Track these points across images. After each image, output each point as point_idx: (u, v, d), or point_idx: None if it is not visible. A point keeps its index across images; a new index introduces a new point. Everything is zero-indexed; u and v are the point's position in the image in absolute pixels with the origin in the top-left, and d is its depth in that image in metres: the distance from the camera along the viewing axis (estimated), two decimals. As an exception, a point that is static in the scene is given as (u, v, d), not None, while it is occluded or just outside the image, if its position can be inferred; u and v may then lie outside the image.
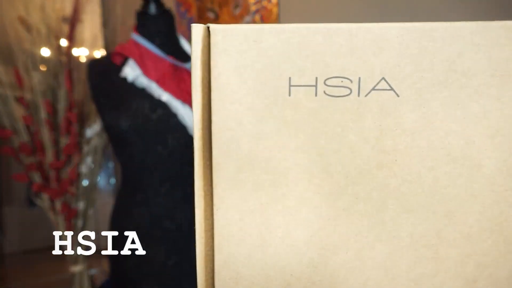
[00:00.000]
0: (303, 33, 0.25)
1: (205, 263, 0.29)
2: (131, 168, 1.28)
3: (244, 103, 0.26)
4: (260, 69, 0.26)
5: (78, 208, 1.45)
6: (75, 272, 1.50)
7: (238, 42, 0.26)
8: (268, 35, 0.26)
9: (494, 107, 0.25)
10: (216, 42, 0.26)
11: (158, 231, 1.27)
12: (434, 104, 0.25)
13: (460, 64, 0.25)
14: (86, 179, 1.46)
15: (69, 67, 1.41)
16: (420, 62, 0.25)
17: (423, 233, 0.26)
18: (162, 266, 1.28)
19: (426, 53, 0.25)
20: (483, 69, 0.24)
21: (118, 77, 1.26)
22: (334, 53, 0.25)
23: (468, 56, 0.25)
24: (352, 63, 0.25)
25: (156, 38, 1.30)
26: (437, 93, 0.25)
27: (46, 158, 1.38)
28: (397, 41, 0.25)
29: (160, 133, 1.23)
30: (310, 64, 0.25)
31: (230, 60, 0.26)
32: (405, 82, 0.25)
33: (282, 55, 0.25)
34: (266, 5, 2.25)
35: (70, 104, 1.40)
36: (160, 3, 1.32)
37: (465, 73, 0.25)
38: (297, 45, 0.25)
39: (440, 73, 0.25)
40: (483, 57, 0.24)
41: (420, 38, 0.25)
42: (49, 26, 1.43)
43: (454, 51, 0.25)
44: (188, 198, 1.29)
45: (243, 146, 0.27)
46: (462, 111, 0.25)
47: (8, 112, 1.37)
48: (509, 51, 0.24)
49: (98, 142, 1.48)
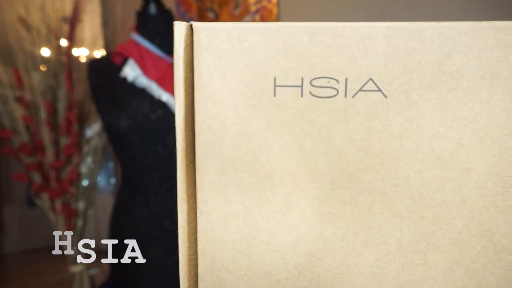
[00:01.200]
0: (288, 32, 0.24)
1: (188, 267, 0.28)
2: (131, 168, 1.28)
3: (227, 104, 0.25)
4: (244, 68, 0.25)
5: (78, 208, 1.44)
6: (75, 272, 1.49)
7: (221, 41, 0.25)
8: (252, 34, 0.25)
9: (483, 110, 0.24)
10: (199, 41, 0.25)
11: (158, 231, 1.27)
12: (422, 106, 0.24)
13: (448, 65, 0.24)
14: (86, 179, 1.46)
15: (69, 67, 1.41)
16: (408, 63, 0.24)
17: (411, 239, 0.26)
18: (162, 266, 1.28)
19: (414, 54, 0.24)
20: (473, 71, 0.24)
21: (118, 77, 1.26)
22: (320, 53, 0.24)
23: (457, 57, 0.24)
24: (338, 63, 0.24)
25: (156, 38, 1.30)
26: (425, 95, 0.24)
27: (46, 158, 1.38)
28: (385, 41, 0.24)
29: (160, 133, 1.23)
30: (296, 64, 0.25)
31: (213, 60, 0.25)
32: (393, 83, 0.25)
33: (266, 54, 0.25)
34: (266, 5, 2.25)
35: (70, 104, 1.40)
36: (160, 3, 1.32)
37: (454, 75, 0.24)
38: (282, 44, 0.25)
39: (429, 75, 0.24)
40: (473, 59, 0.24)
41: (408, 38, 0.24)
42: (49, 26, 1.43)
43: (443, 52, 0.24)
44: None
45: (226, 148, 0.26)
46: (450, 114, 0.24)
47: (8, 112, 1.37)
48: (499, 52, 0.24)
49: (98, 142, 1.48)
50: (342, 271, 0.26)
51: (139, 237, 1.27)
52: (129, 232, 1.29)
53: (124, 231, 1.30)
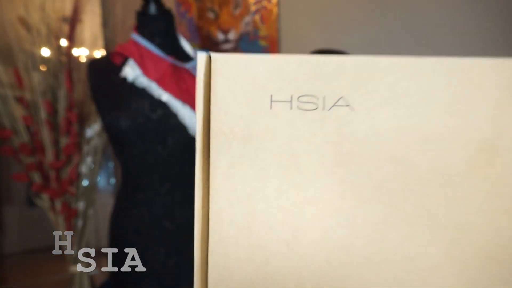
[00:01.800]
0: (282, 62, 0.34)
1: (201, 242, 0.37)
2: (131, 168, 1.28)
3: (235, 114, 0.35)
4: (249, 88, 0.35)
5: (78, 208, 1.44)
6: (75, 272, 1.49)
7: (232, 67, 0.34)
8: (256, 63, 0.34)
9: (425, 121, 0.33)
10: (215, 68, 0.34)
11: (158, 231, 1.27)
12: (380, 117, 0.34)
13: (399, 88, 0.33)
14: (86, 179, 1.46)
15: (69, 67, 1.41)
16: (369, 85, 0.34)
17: (373, 221, 0.34)
18: (162, 266, 1.28)
19: (373, 79, 0.33)
20: (417, 93, 0.33)
21: (118, 77, 1.26)
22: (305, 77, 0.34)
23: (405, 83, 0.33)
24: (318, 85, 0.34)
25: (156, 38, 1.30)
26: (382, 109, 0.33)
27: (46, 158, 1.38)
28: (352, 69, 0.34)
29: (160, 133, 1.23)
30: (287, 85, 0.34)
31: (226, 82, 0.34)
32: (358, 100, 0.34)
33: (265, 77, 0.34)
34: (266, 5, 2.25)
35: (70, 104, 1.40)
36: (160, 3, 1.32)
37: (403, 94, 0.33)
38: (278, 70, 0.34)
39: (384, 94, 0.33)
40: (417, 83, 0.33)
41: (368, 67, 0.34)
42: (49, 26, 1.43)
43: (394, 78, 0.33)
44: (188, 198, 1.29)
45: (233, 147, 0.35)
46: (400, 123, 0.34)
47: (8, 112, 1.37)
48: (438, 81, 0.34)
49: (98, 142, 1.48)
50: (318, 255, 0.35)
51: (139, 237, 1.28)
52: (129, 232, 1.29)
53: (124, 231, 1.30)
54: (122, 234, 1.31)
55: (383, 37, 2.04)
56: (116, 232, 1.33)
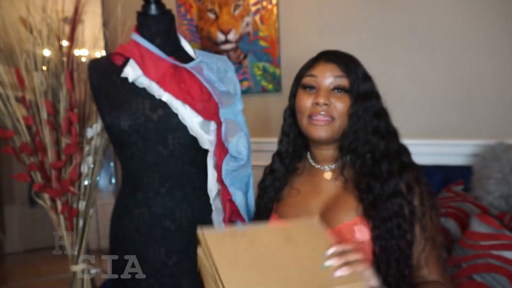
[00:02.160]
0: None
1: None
2: (131, 168, 1.28)
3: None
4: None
5: (79, 208, 1.44)
6: (76, 271, 1.49)
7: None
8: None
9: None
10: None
11: (158, 231, 1.27)
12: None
13: None
14: (87, 179, 1.46)
15: (70, 67, 1.40)
16: None
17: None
18: (163, 265, 1.28)
19: None
20: None
21: (119, 77, 1.25)
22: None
23: None
24: None
25: (157, 39, 1.29)
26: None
27: (47, 158, 1.37)
28: None
29: (161, 133, 1.23)
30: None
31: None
32: None
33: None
34: (266, 6, 2.26)
35: (71, 104, 1.39)
36: (161, 3, 1.32)
37: None
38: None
39: None
40: None
41: None
42: (51, 27, 1.42)
43: None
44: (188, 198, 1.29)
45: None
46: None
47: (10, 112, 1.36)
48: None
49: (98, 142, 1.48)
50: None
51: (139, 236, 1.27)
52: (129, 231, 1.29)
53: (124, 231, 1.30)
54: (123, 234, 1.30)
55: (382, 37, 2.04)
56: (117, 232, 1.33)
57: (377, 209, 0.97)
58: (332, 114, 1.04)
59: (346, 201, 1.03)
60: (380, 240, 0.96)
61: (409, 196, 0.99)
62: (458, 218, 1.58)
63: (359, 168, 1.04)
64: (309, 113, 1.05)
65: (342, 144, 1.07)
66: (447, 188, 1.75)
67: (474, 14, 1.87)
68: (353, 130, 1.05)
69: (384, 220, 0.96)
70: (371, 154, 1.04)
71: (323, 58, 1.08)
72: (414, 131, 1.36)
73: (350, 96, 1.04)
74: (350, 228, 0.99)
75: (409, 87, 2.00)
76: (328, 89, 1.05)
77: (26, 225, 3.11)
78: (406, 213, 0.97)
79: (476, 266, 1.36)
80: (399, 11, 2.00)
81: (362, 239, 0.97)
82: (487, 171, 1.68)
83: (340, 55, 1.09)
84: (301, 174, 1.16)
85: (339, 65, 1.05)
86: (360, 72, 1.06)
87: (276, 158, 1.19)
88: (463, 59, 1.90)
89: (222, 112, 1.26)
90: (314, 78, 1.06)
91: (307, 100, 1.06)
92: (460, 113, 1.93)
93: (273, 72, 2.31)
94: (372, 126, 1.05)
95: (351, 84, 1.04)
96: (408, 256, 0.98)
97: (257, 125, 2.36)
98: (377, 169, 1.02)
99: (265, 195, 1.17)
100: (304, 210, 1.08)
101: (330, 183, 1.09)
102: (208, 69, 1.27)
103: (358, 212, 1.00)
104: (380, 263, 0.96)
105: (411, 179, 1.01)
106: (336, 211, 1.03)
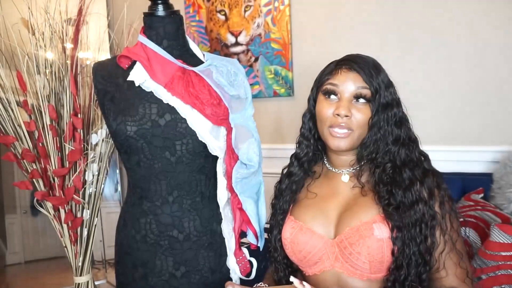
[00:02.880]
0: None
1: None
2: (138, 176, 1.25)
3: None
4: None
5: (84, 217, 1.42)
6: (80, 282, 1.47)
7: None
8: None
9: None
10: None
11: (165, 240, 1.25)
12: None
13: None
14: (91, 187, 1.44)
15: (74, 70, 1.39)
16: None
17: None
18: (170, 277, 1.26)
19: None
20: None
21: (125, 81, 1.23)
22: None
23: None
24: None
25: (164, 41, 1.27)
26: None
27: (50, 165, 1.36)
28: None
29: (168, 139, 1.20)
30: None
31: None
32: None
33: None
34: (278, 6, 2.24)
35: (75, 109, 1.38)
36: (168, 4, 1.29)
37: None
38: None
39: None
40: None
41: None
42: (54, 28, 1.42)
43: None
44: (197, 206, 1.26)
45: None
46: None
47: (11, 117, 1.36)
48: None
49: (104, 148, 1.47)
50: None
51: (146, 247, 1.25)
52: (135, 241, 1.27)
53: (130, 240, 1.28)
54: (129, 244, 1.28)
55: (397, 39, 2.01)
56: (123, 242, 1.31)
57: (399, 215, 1.00)
58: (351, 126, 1.04)
59: (365, 201, 1.06)
60: (401, 244, 0.98)
61: (431, 201, 1.01)
62: (477, 227, 1.57)
63: (378, 177, 1.06)
64: (330, 123, 1.06)
65: (361, 153, 1.09)
66: (467, 197, 1.73)
67: (494, 17, 1.84)
68: (373, 140, 1.06)
69: (406, 227, 0.99)
70: (392, 163, 1.06)
71: (346, 65, 1.07)
72: (432, 138, 1.35)
73: (371, 106, 1.04)
74: (369, 226, 1.01)
75: (426, 92, 1.97)
76: (350, 100, 1.05)
77: (28, 235, 3.12)
78: (427, 219, 1.00)
79: (497, 277, 1.35)
80: (416, 13, 1.98)
81: (380, 236, 1.00)
82: (508, 179, 1.66)
83: (363, 62, 1.07)
84: (318, 177, 1.17)
85: (361, 75, 1.05)
86: (382, 80, 1.06)
87: (295, 161, 1.20)
88: (484, 63, 1.87)
89: (232, 117, 1.24)
90: (336, 87, 1.06)
91: (328, 109, 1.06)
92: (480, 119, 1.90)
93: (285, 75, 2.28)
94: (392, 136, 1.06)
95: (373, 94, 1.04)
96: (427, 259, 1.01)
97: (269, 131, 2.34)
98: (398, 176, 1.04)
99: (282, 197, 1.19)
100: (321, 212, 1.10)
101: (348, 186, 1.11)
102: (218, 72, 1.25)
103: (377, 211, 1.03)
104: (398, 264, 0.99)
105: (432, 184, 1.03)
106: (355, 211, 1.05)
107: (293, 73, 2.28)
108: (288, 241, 1.11)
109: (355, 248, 1.00)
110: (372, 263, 1.00)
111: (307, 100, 1.17)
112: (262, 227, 1.31)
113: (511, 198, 1.62)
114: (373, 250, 0.99)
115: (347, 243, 1.02)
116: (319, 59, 1.15)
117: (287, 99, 2.32)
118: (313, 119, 1.15)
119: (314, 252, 1.07)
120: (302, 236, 1.09)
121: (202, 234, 1.27)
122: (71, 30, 1.44)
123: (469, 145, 1.90)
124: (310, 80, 1.17)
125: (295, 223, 1.12)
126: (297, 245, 1.09)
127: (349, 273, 1.03)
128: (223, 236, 1.28)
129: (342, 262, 1.04)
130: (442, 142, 1.91)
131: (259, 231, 1.31)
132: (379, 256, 1.00)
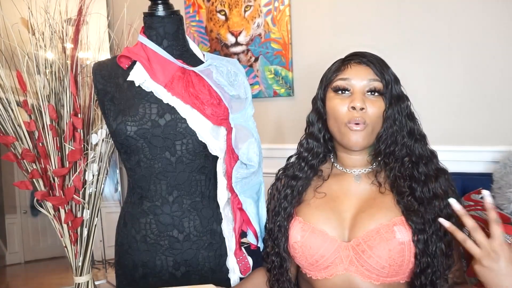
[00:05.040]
0: None
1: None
2: (138, 176, 1.26)
3: None
4: None
5: (84, 217, 1.42)
6: (80, 282, 1.46)
7: None
8: None
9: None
10: None
11: (165, 240, 1.25)
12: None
13: None
14: (91, 187, 1.44)
15: (74, 70, 1.39)
16: None
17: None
18: (170, 277, 1.26)
19: None
20: None
21: (125, 81, 1.23)
22: None
23: None
24: None
25: (164, 41, 1.27)
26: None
27: (50, 165, 1.36)
28: None
29: (168, 139, 1.21)
30: None
31: None
32: None
33: None
34: (278, 6, 2.24)
35: (75, 109, 1.38)
36: (168, 4, 1.29)
37: None
38: None
39: None
40: None
41: None
42: (53, 28, 1.41)
43: None
44: (197, 206, 1.27)
45: None
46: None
47: (11, 117, 1.35)
48: None
49: (104, 148, 1.46)
50: None
51: (146, 247, 1.26)
52: (136, 241, 1.27)
53: (130, 240, 1.28)
54: (129, 244, 1.29)
55: (398, 40, 2.00)
56: (123, 242, 1.31)
57: (419, 212, 0.99)
58: (365, 120, 1.03)
59: (383, 202, 1.04)
60: (423, 243, 0.97)
61: (446, 199, 1.00)
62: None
63: (398, 171, 1.05)
64: (348, 119, 1.04)
65: (378, 148, 1.07)
66: (467, 197, 1.72)
67: (494, 18, 1.83)
68: (390, 133, 1.05)
69: (427, 222, 0.98)
70: (409, 157, 1.05)
71: (355, 60, 1.07)
72: (432, 138, 1.34)
73: (384, 99, 1.04)
74: (390, 229, 0.99)
75: (426, 92, 1.96)
76: (363, 92, 1.04)
77: (28, 235, 3.12)
78: (444, 216, 0.98)
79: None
80: (416, 13, 1.97)
81: (402, 239, 0.98)
82: (508, 179, 1.64)
83: (371, 56, 1.08)
84: (326, 177, 1.15)
85: (372, 68, 1.05)
86: (392, 74, 1.06)
87: (302, 162, 1.17)
88: (483, 63, 1.86)
89: (232, 117, 1.24)
90: (347, 81, 1.05)
91: (342, 105, 1.05)
92: (479, 119, 1.89)
93: (285, 75, 2.27)
94: (407, 128, 1.06)
95: (385, 86, 1.04)
96: (448, 254, 1.00)
97: (269, 131, 2.33)
98: (416, 172, 1.04)
99: (285, 201, 1.15)
100: (334, 213, 1.07)
101: (361, 186, 1.09)
102: (218, 72, 1.26)
103: (397, 213, 1.01)
104: (422, 265, 0.98)
105: (446, 183, 1.04)
106: (373, 213, 1.03)
107: (293, 73, 2.27)
108: (298, 245, 1.07)
109: (375, 252, 0.98)
110: (392, 267, 0.99)
111: (311, 101, 1.17)
112: (262, 227, 1.31)
113: (511, 198, 1.61)
114: (394, 254, 0.98)
115: (366, 246, 0.99)
116: (319, 59, 1.15)
117: (287, 99, 2.32)
118: (322, 119, 1.13)
119: (327, 256, 1.03)
120: (315, 239, 1.05)
121: (202, 234, 1.27)
122: (71, 30, 1.43)
123: (469, 145, 1.89)
124: (310, 80, 1.17)
125: (305, 224, 1.08)
126: (309, 249, 1.05)
127: (364, 277, 1.01)
128: (223, 236, 1.28)
129: (357, 266, 1.01)
130: (442, 142, 1.89)
131: (259, 231, 1.30)
132: (400, 260, 0.98)
